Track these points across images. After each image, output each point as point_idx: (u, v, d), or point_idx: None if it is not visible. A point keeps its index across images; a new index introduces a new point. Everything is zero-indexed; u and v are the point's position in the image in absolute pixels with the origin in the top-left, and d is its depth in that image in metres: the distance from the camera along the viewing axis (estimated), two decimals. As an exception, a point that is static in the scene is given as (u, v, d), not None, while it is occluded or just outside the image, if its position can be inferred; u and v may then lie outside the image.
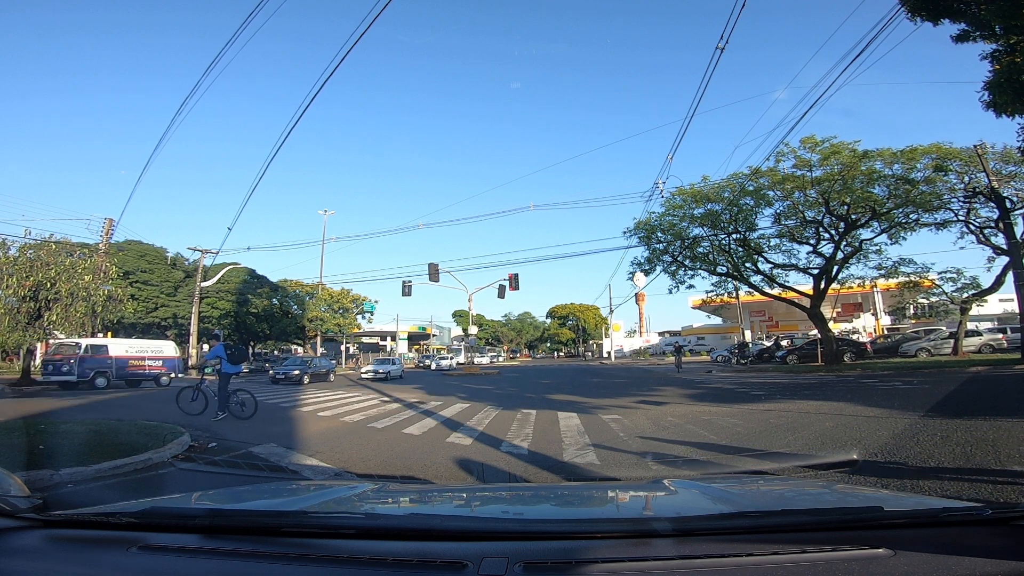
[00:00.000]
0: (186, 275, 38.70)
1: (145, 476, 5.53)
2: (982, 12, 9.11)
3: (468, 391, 16.63)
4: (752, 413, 9.39)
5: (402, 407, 12.13)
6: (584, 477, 5.24)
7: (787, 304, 27.25)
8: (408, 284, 30.49)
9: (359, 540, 1.23)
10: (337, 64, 9.28)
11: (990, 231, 20.59)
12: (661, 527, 1.22)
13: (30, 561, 1.20)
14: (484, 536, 1.21)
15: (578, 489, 2.78)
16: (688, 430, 7.71)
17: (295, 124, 15.66)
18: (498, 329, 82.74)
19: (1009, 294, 22.50)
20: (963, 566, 0.98)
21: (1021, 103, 9.26)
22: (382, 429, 8.83)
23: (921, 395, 10.44)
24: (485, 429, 8.43)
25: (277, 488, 2.83)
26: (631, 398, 12.80)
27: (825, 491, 2.10)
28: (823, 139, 20.01)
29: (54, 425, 7.71)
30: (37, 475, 4.86)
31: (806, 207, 22.08)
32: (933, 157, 18.92)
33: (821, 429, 7.15)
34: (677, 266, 25.31)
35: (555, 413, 10.16)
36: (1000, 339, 23.98)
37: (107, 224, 27.39)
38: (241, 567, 1.18)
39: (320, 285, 43.52)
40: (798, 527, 1.18)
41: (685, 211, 23.89)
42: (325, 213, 44.26)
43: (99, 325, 23.50)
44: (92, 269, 20.29)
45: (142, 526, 1.33)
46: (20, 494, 1.51)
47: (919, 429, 6.59)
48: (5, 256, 18.37)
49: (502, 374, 29.84)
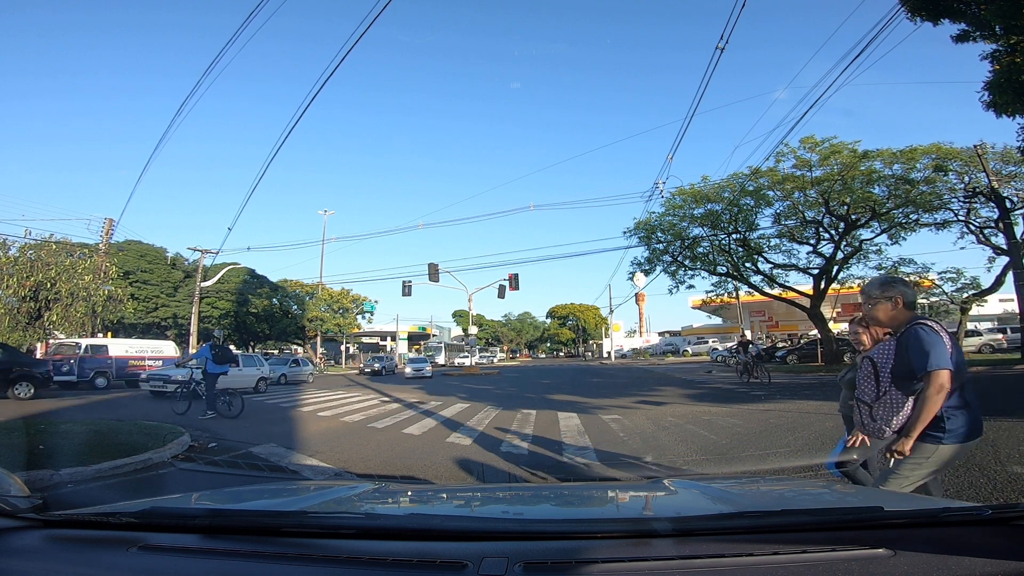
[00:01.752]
0: (186, 275, 38.70)
1: (145, 476, 5.53)
2: (982, 12, 9.12)
3: (468, 391, 16.64)
4: (752, 413, 9.39)
5: (402, 407, 12.13)
6: (584, 477, 5.25)
7: (787, 304, 27.24)
8: (408, 284, 30.48)
9: (359, 540, 1.23)
10: (337, 64, 9.31)
11: (990, 231, 20.57)
12: (661, 527, 1.22)
13: (30, 561, 1.20)
14: (484, 536, 1.21)
15: (578, 489, 2.78)
16: (688, 430, 7.71)
17: (295, 124, 15.71)
18: (498, 329, 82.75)
19: (1009, 294, 22.49)
20: (963, 566, 0.98)
21: (1021, 103, 9.26)
22: (382, 429, 8.83)
23: (921, 395, 10.43)
24: (485, 429, 8.43)
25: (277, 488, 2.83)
26: (631, 398, 12.80)
27: (825, 491, 2.10)
28: (823, 139, 20.06)
29: (54, 425, 7.71)
30: (37, 475, 4.87)
31: (806, 207, 22.08)
32: (933, 157, 18.92)
33: (821, 429, 7.15)
34: (677, 266, 25.31)
35: (555, 413, 10.17)
36: (1000, 339, 24.01)
37: (107, 224, 27.37)
38: (241, 567, 1.18)
39: (320, 285, 43.52)
40: (798, 527, 1.18)
41: (685, 211, 23.89)
42: (325, 213, 44.35)
43: (99, 325, 23.52)
44: (92, 269, 20.34)
45: (142, 526, 1.33)
46: (20, 494, 1.51)
47: (919, 429, 6.57)
48: (5, 256, 18.40)
49: (502, 374, 29.85)
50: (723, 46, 8.56)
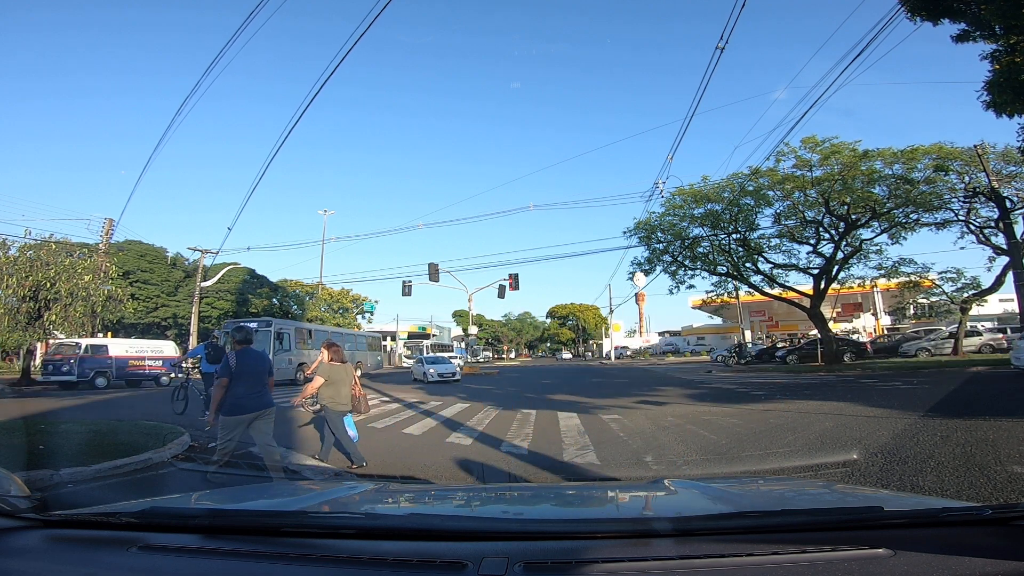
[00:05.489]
0: (186, 275, 38.72)
1: (145, 476, 5.53)
2: (982, 12, 9.12)
3: (468, 391, 16.63)
4: (752, 413, 9.38)
5: (402, 407, 12.13)
6: (584, 477, 5.24)
7: (787, 304, 27.25)
8: (408, 284, 30.48)
9: (359, 540, 1.23)
10: (338, 64, 9.30)
11: (990, 231, 20.59)
12: (661, 527, 1.22)
13: (30, 561, 1.20)
14: (484, 536, 1.21)
15: (578, 489, 2.78)
16: (688, 430, 7.70)
17: (295, 124, 15.72)
18: (498, 329, 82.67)
19: (1009, 294, 22.52)
20: (963, 566, 0.98)
21: (1021, 103, 9.27)
22: (382, 429, 8.83)
23: (921, 395, 10.44)
24: (485, 429, 8.43)
25: (277, 488, 2.83)
26: (631, 398, 12.79)
27: (825, 491, 2.10)
28: (824, 139, 20.03)
29: (54, 425, 7.71)
30: (37, 475, 4.86)
31: (806, 207, 22.07)
32: (934, 157, 18.91)
33: (821, 429, 7.15)
34: (677, 266, 25.29)
35: (555, 413, 10.16)
36: (1000, 339, 23.96)
37: (107, 224, 27.36)
38: (241, 567, 1.18)
39: (320, 285, 43.53)
40: (798, 527, 1.18)
41: (685, 211, 23.87)
42: (325, 213, 44.41)
43: (99, 325, 23.51)
44: (92, 269, 20.30)
45: (142, 526, 1.33)
46: (20, 494, 1.51)
47: (919, 429, 6.58)
48: (5, 256, 18.37)
49: (502, 374, 29.83)
50: (723, 46, 8.57)
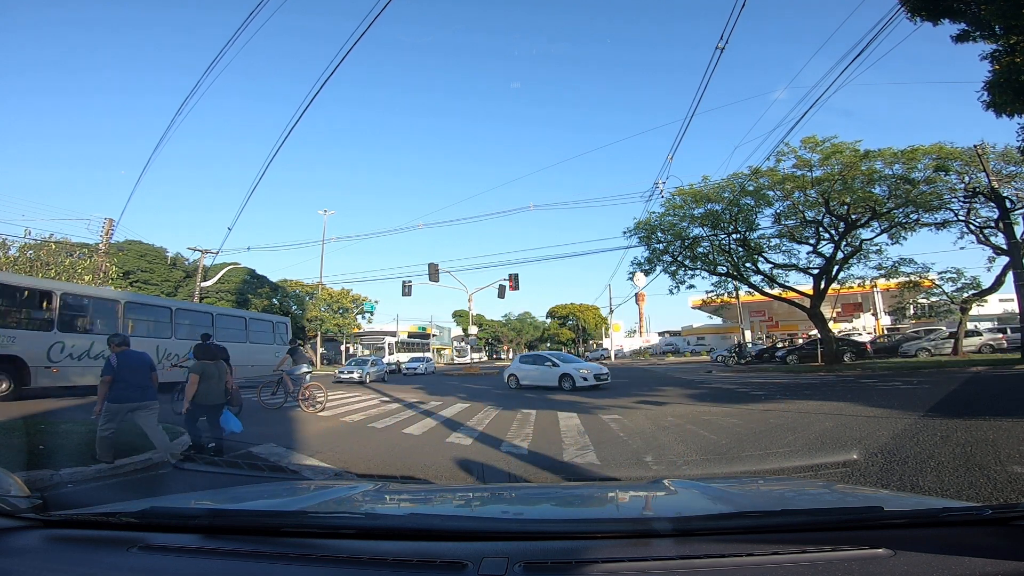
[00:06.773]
0: (186, 275, 38.76)
1: (145, 476, 5.54)
2: (982, 12, 9.11)
3: (468, 391, 16.65)
4: (752, 413, 9.38)
5: (402, 407, 12.13)
6: (584, 477, 5.24)
7: (787, 304, 27.22)
8: (408, 284, 30.48)
9: (359, 540, 1.23)
10: (338, 64, 9.26)
11: (990, 231, 20.57)
12: (661, 527, 1.22)
13: (30, 561, 1.20)
14: (484, 536, 1.21)
15: (578, 489, 2.78)
16: (688, 430, 7.70)
17: (296, 123, 15.70)
18: (498, 329, 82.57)
19: (1009, 294, 22.48)
20: (963, 566, 0.98)
21: (1021, 103, 9.26)
22: (382, 429, 8.83)
23: (921, 395, 10.43)
24: (485, 429, 8.43)
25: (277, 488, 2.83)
26: (631, 398, 12.79)
27: (825, 491, 2.10)
28: (824, 139, 20.00)
29: (54, 425, 7.69)
30: (37, 475, 4.86)
31: (806, 207, 22.05)
32: (934, 157, 18.89)
33: (821, 429, 7.15)
34: (677, 266, 25.27)
35: (555, 413, 10.16)
36: (1000, 339, 23.97)
37: (107, 224, 27.30)
38: (241, 567, 1.18)
39: (320, 285, 43.50)
40: (798, 527, 1.18)
41: (685, 211, 23.85)
42: (325, 213, 44.23)
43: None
44: (92, 269, 20.34)
45: (142, 526, 1.33)
46: (20, 494, 1.51)
47: (919, 429, 6.58)
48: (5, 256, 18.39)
49: (502, 374, 29.80)
50: (723, 46, 8.56)
